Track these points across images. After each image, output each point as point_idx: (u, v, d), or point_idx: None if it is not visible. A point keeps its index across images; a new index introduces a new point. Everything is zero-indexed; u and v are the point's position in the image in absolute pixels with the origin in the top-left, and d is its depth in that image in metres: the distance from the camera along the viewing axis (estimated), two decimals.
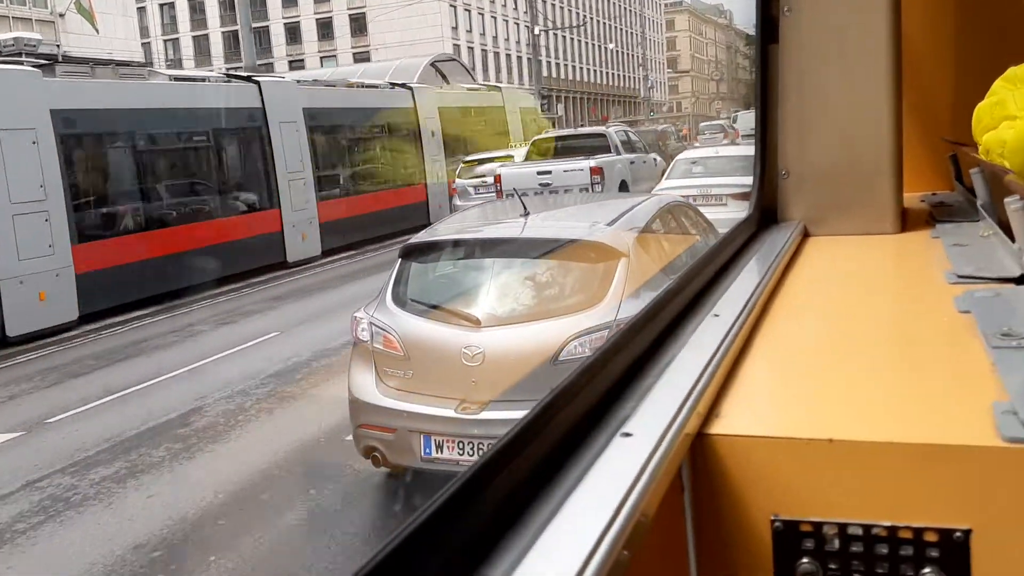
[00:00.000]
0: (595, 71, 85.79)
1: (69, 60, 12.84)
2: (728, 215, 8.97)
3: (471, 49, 67.28)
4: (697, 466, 0.99)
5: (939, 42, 2.61)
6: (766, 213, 2.18)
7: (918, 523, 0.92)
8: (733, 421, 1.01)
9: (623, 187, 15.75)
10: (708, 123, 49.45)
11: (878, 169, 2.07)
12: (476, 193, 17.33)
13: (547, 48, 75.59)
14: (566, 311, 4.64)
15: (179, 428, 7.03)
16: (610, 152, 16.51)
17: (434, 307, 5.00)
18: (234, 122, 14.69)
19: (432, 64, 27.22)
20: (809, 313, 1.55)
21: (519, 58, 73.05)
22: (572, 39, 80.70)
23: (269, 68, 63.25)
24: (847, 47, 2.06)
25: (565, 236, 5.12)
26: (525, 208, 5.35)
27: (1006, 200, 1.52)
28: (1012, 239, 1.57)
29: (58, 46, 14.72)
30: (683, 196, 10.23)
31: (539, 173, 15.21)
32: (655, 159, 18.34)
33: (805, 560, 0.96)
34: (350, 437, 5.21)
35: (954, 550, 0.92)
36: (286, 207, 15.44)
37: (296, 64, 64.18)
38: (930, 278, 1.64)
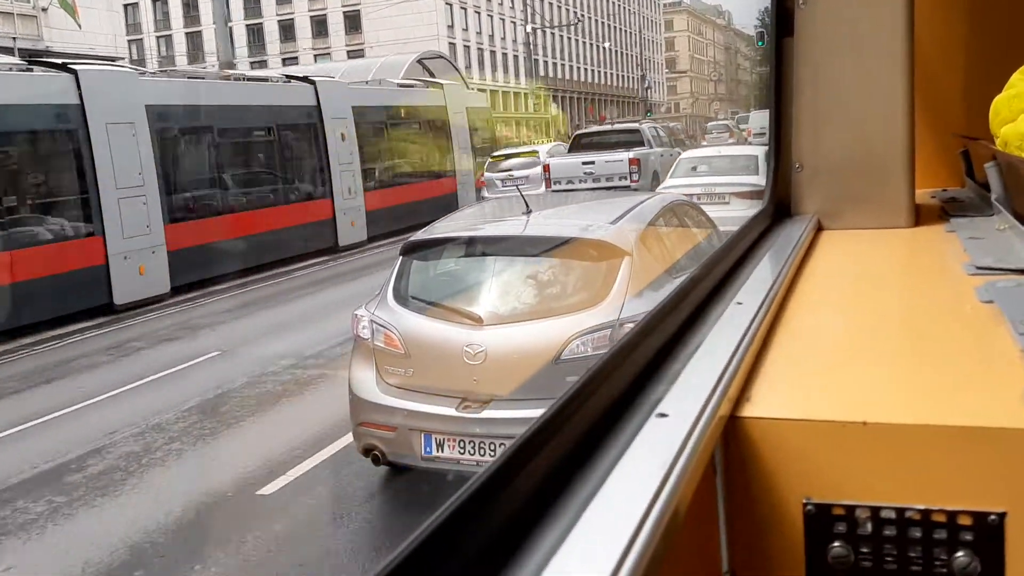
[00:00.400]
0: (592, 71, 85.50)
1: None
2: (731, 213, 9.03)
3: (467, 47, 66.87)
4: (730, 449, 0.99)
5: (951, 37, 2.61)
6: (780, 206, 2.20)
7: (952, 506, 0.92)
8: (764, 405, 1.01)
9: (655, 177, 16.66)
10: (715, 123, 50.04)
11: (892, 163, 2.08)
12: (503, 186, 18.55)
13: (544, 47, 75.04)
14: (568, 310, 4.59)
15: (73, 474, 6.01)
16: (644, 145, 18.22)
17: (435, 305, 4.96)
18: (294, 118, 16.17)
19: (419, 61, 26.82)
20: (830, 302, 1.56)
21: (515, 57, 72.49)
22: (569, 38, 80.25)
23: (263, 65, 63.12)
24: (861, 40, 2.07)
25: (567, 234, 5.08)
26: (527, 206, 5.30)
27: None
28: None
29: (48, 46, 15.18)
30: (686, 195, 10.48)
31: (583, 163, 16.97)
32: (679, 152, 18.91)
33: (837, 544, 0.96)
34: (265, 491, 5.01)
35: (988, 533, 0.91)
36: (338, 196, 16.76)
37: (289, 61, 63.50)
38: (949, 270, 1.64)
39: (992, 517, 0.91)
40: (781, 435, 0.97)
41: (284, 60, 64.06)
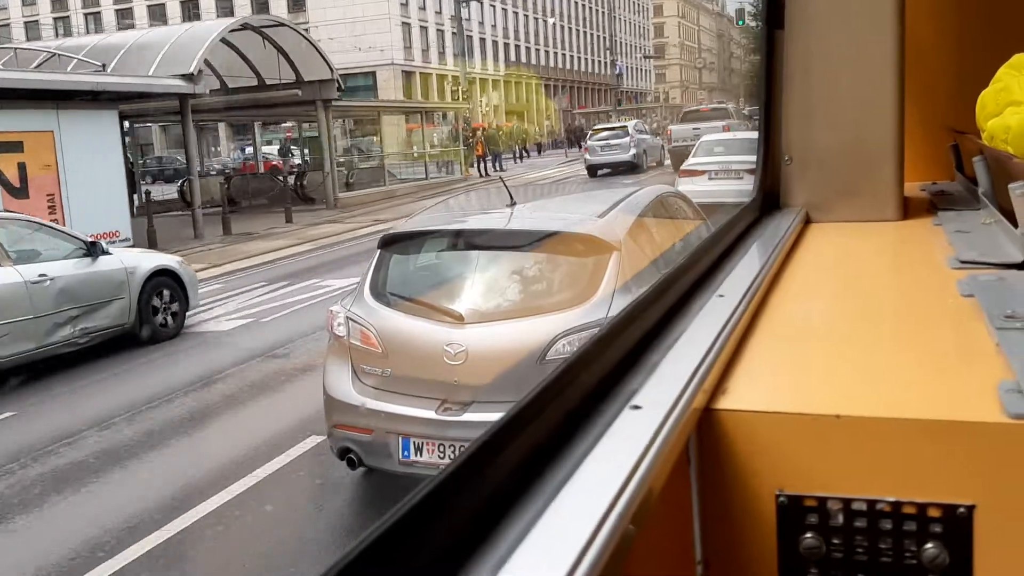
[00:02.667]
0: (564, 55, 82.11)
1: None
2: (745, 187, 9.62)
3: (424, 29, 63.85)
4: (704, 440, 1.00)
5: (942, 30, 2.62)
6: (768, 198, 2.20)
7: (922, 499, 0.94)
8: (740, 397, 1.02)
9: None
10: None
11: (881, 156, 2.09)
12: (602, 151, 28.78)
13: (502, 28, 72.12)
14: (554, 308, 4.33)
15: None
16: (732, 118, 27.59)
17: (415, 301, 4.68)
18: None
19: (257, 30, 21.97)
20: (813, 295, 1.57)
21: (482, 40, 69.95)
22: (533, 18, 76.46)
23: None
24: (852, 33, 2.08)
25: (553, 228, 4.78)
26: (512, 197, 4.99)
27: (1010, 186, 1.53)
28: (1015, 225, 1.58)
29: None
30: (707, 171, 14.22)
31: (694, 129, 24.70)
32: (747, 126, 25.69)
33: (809, 535, 0.97)
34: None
35: (957, 525, 0.93)
36: None
37: None
38: (933, 263, 1.66)
39: (961, 510, 0.92)
40: (755, 427, 0.98)
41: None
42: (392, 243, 5.04)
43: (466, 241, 4.98)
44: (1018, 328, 1.15)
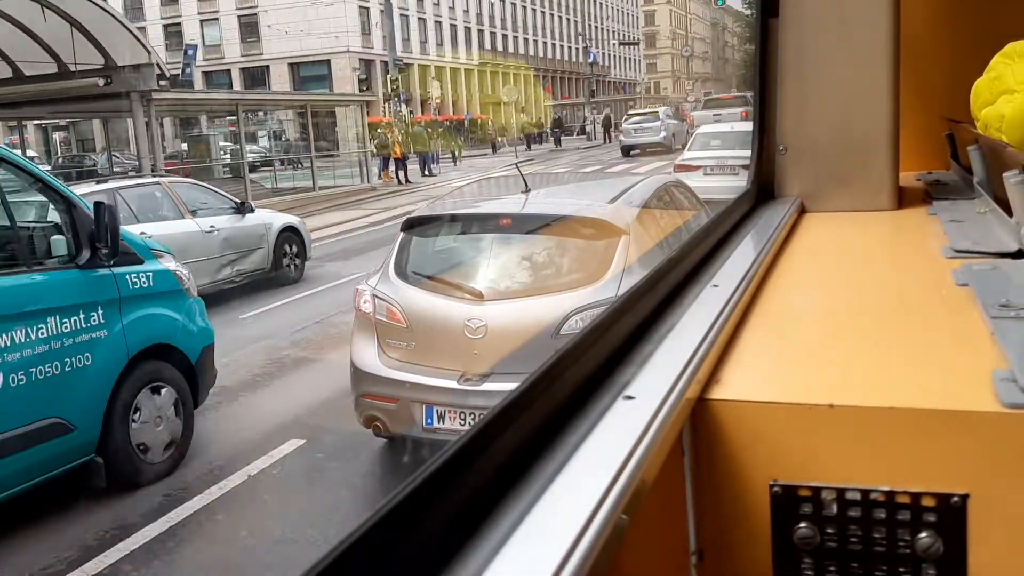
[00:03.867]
0: (540, 42, 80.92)
1: None
2: (740, 183, 10.26)
3: (406, 17, 62.56)
4: (697, 431, 1.04)
5: (937, 18, 2.69)
6: (763, 188, 2.28)
7: (916, 488, 0.97)
8: (733, 387, 1.06)
9: None
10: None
11: (876, 146, 2.16)
12: (635, 133, 34.00)
13: (475, 14, 70.89)
14: (567, 287, 4.85)
15: None
16: (749, 105, 27.33)
17: (437, 280, 5.18)
18: None
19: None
20: (807, 285, 1.62)
21: (453, 26, 69.14)
22: (510, 2, 75.46)
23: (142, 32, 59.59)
24: (847, 22, 2.15)
25: (566, 212, 5.33)
26: (526, 183, 5.66)
27: (1005, 174, 1.58)
28: (1009, 214, 1.64)
29: None
30: (701, 166, 14.49)
31: (715, 114, 27.81)
32: None
33: (803, 525, 1.02)
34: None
35: (951, 515, 0.97)
36: None
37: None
38: (927, 253, 1.72)
39: (955, 499, 0.96)
40: (749, 417, 1.02)
41: (165, 27, 58.15)
42: (414, 226, 5.52)
43: (483, 225, 5.49)
44: (1012, 317, 1.18)
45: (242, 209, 11.43)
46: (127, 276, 5.40)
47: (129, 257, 5.42)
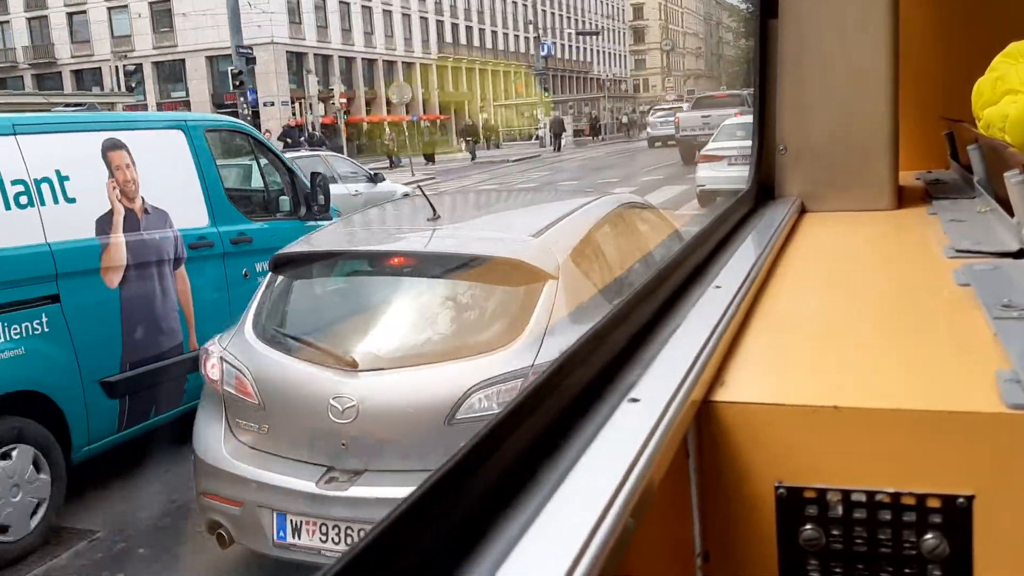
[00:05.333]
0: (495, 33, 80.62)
1: None
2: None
3: (346, 5, 62.53)
4: (702, 433, 1.15)
5: (937, 18, 2.95)
6: (763, 188, 2.52)
7: (921, 489, 1.08)
8: (738, 389, 1.18)
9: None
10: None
11: (875, 145, 2.40)
12: (661, 126, 39.42)
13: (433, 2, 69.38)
14: (470, 352, 4.20)
15: None
16: (746, 105, 26.69)
17: (301, 341, 4.53)
18: None
19: None
20: (809, 286, 1.80)
21: (405, 16, 69.17)
22: None
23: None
24: (846, 21, 2.37)
25: (477, 251, 4.65)
26: (435, 210, 4.96)
27: (1006, 174, 1.73)
28: (1011, 214, 1.79)
29: None
30: (728, 155, 16.41)
31: (703, 117, 28.00)
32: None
33: (808, 527, 1.13)
34: None
35: (957, 516, 1.07)
36: None
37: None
38: (928, 253, 1.90)
39: (961, 500, 1.07)
40: (754, 419, 1.14)
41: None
42: (284, 266, 4.86)
43: (371, 267, 4.84)
44: (1015, 317, 1.31)
45: (374, 179, 17.48)
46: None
47: (328, 214, 8.19)
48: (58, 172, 5.85)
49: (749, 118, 13.85)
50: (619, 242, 5.49)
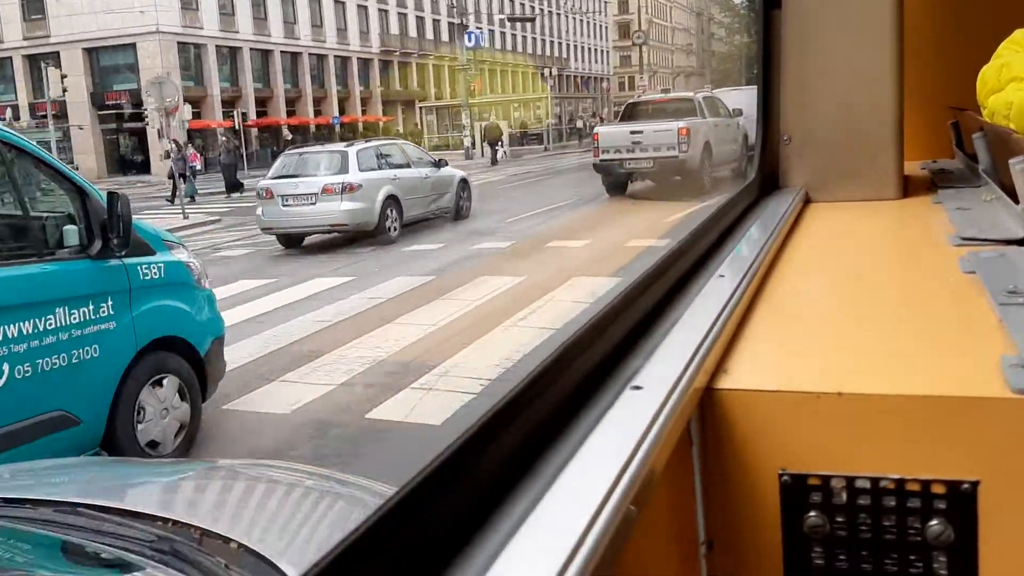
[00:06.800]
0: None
1: None
2: None
3: None
4: (705, 421, 1.21)
5: (939, 7, 3.07)
6: (768, 179, 2.61)
7: (926, 475, 1.13)
8: (741, 376, 1.24)
9: (707, 148, 21.28)
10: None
11: (880, 135, 2.49)
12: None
13: None
14: None
15: None
16: (696, 115, 22.10)
17: None
18: None
19: None
20: (814, 274, 1.87)
21: (339, 3, 61.80)
22: None
23: None
24: (850, 11, 2.46)
25: None
26: None
27: (1011, 161, 1.81)
28: (1016, 202, 1.86)
29: None
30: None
31: (631, 132, 21.44)
32: (737, 123, 23.34)
33: (812, 513, 1.17)
34: None
35: (961, 501, 1.12)
36: None
37: None
38: (934, 241, 1.97)
39: (965, 486, 1.12)
40: (757, 406, 1.19)
41: None
42: None
43: None
44: (1020, 304, 1.36)
45: (438, 164, 20.25)
46: (138, 267, 6.19)
47: (141, 248, 6.27)
48: None
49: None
50: None
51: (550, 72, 74.12)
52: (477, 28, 63.92)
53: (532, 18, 69.97)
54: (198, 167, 41.81)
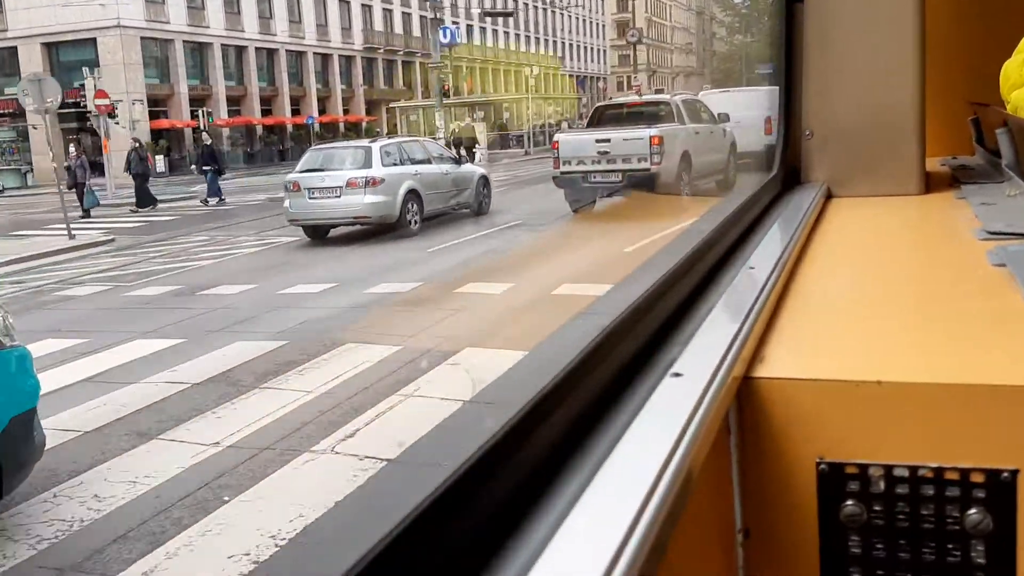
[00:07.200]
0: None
1: None
2: None
3: None
4: (743, 409, 1.21)
5: (962, 2, 3.14)
6: (790, 173, 2.65)
7: (964, 464, 1.13)
8: (778, 365, 1.24)
9: (685, 158, 18.98)
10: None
11: (902, 130, 2.51)
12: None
13: None
14: None
15: None
16: (673, 121, 19.82)
17: None
18: None
19: None
20: (842, 267, 1.92)
21: None
22: None
23: None
24: (872, 5, 2.50)
25: None
26: None
27: None
28: None
29: None
30: None
31: (598, 141, 18.98)
32: (724, 129, 21.46)
33: (850, 502, 1.18)
34: None
35: (1001, 490, 1.13)
36: None
37: None
38: (960, 235, 2.02)
39: (1005, 474, 1.12)
40: (794, 395, 1.19)
41: None
42: None
43: None
44: None
45: (458, 162, 21.96)
46: None
47: None
48: None
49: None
50: None
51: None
52: (454, 23, 61.29)
53: (510, 13, 66.95)
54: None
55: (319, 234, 18.99)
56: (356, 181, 18.07)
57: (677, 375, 1.06)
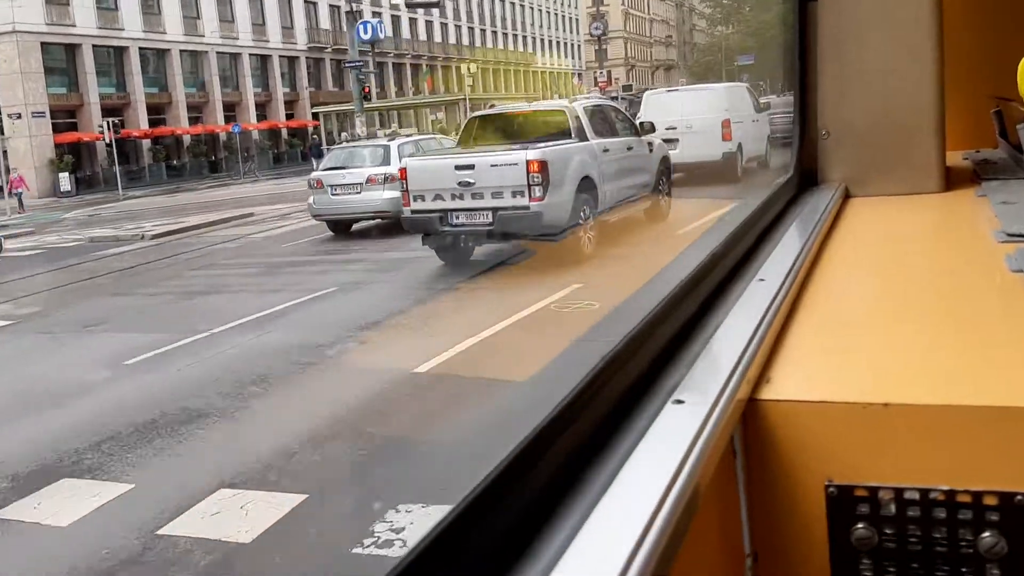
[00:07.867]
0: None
1: None
2: None
3: None
4: (749, 432, 1.22)
5: None
6: (806, 174, 2.72)
7: (977, 487, 1.14)
8: (784, 386, 1.25)
9: (585, 187, 14.19)
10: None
11: (920, 127, 2.57)
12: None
13: None
14: None
15: None
16: (569, 137, 15.09)
17: None
18: None
19: None
20: (856, 275, 1.93)
21: None
22: None
23: None
24: (887, 2, 2.56)
25: None
26: None
27: None
28: None
29: None
30: None
31: (458, 168, 13.96)
32: (649, 143, 16.70)
33: (860, 525, 1.18)
34: None
35: (1014, 513, 1.13)
36: None
37: None
38: (979, 237, 2.04)
39: (1019, 497, 1.13)
40: (802, 417, 1.19)
41: None
42: None
43: None
44: None
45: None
46: None
47: None
48: None
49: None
50: None
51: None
52: (375, 17, 56.36)
53: (436, 3, 61.75)
54: (24, 192, 34.72)
55: (341, 228, 20.13)
56: (376, 177, 18.86)
57: (679, 402, 1.08)
